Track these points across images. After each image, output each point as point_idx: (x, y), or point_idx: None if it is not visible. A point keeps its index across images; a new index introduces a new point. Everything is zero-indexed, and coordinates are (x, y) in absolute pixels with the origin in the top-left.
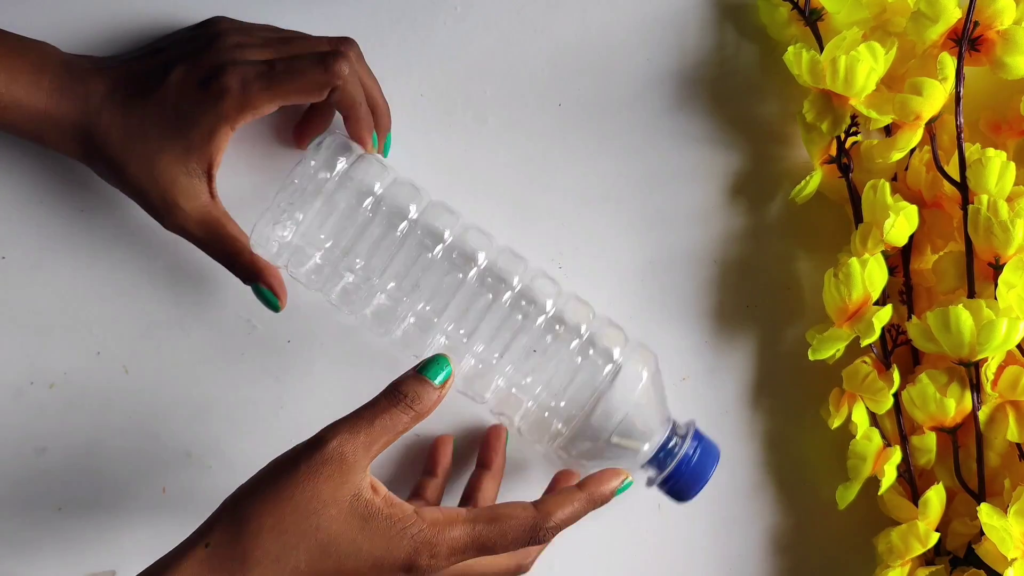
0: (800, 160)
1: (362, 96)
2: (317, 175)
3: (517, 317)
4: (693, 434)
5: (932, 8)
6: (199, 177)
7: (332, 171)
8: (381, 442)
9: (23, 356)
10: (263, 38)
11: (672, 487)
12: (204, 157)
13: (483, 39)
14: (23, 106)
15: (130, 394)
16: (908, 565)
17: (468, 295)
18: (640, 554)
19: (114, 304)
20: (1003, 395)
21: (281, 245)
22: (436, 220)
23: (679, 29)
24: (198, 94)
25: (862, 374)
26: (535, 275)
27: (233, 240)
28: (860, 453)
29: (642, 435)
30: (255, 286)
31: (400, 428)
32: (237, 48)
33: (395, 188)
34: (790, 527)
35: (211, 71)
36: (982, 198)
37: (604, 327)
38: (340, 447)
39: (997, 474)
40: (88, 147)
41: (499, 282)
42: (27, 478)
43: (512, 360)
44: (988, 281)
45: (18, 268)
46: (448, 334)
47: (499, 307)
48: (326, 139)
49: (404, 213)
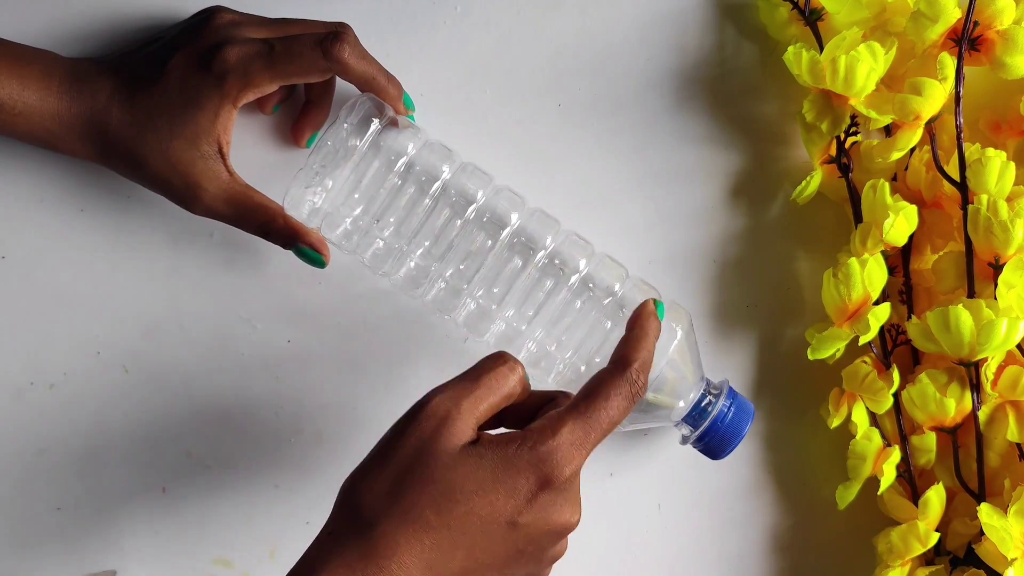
0: (800, 160)
1: (374, 68)
2: (349, 139)
3: (547, 281)
4: (727, 392)
5: (932, 8)
6: (214, 158)
7: (364, 133)
8: (488, 402)
9: (23, 356)
10: (258, 19)
11: (707, 444)
12: (213, 138)
13: (483, 39)
14: (36, 112)
15: (130, 394)
16: (908, 565)
17: (499, 258)
18: (640, 554)
19: (114, 304)
20: (1003, 395)
21: (313, 209)
22: (468, 182)
23: (679, 29)
24: (199, 76)
25: (862, 374)
26: (567, 236)
27: (264, 209)
28: (860, 453)
29: (677, 392)
30: (296, 248)
31: (507, 389)
32: (232, 26)
33: (427, 150)
34: (790, 527)
35: (209, 51)
36: (982, 198)
37: (637, 287)
38: (443, 403)
39: (997, 474)
40: (102, 146)
41: (531, 245)
42: (27, 478)
43: (543, 323)
44: (988, 281)
45: (18, 268)
46: (478, 298)
47: (530, 270)
48: (359, 100)
49: (436, 175)
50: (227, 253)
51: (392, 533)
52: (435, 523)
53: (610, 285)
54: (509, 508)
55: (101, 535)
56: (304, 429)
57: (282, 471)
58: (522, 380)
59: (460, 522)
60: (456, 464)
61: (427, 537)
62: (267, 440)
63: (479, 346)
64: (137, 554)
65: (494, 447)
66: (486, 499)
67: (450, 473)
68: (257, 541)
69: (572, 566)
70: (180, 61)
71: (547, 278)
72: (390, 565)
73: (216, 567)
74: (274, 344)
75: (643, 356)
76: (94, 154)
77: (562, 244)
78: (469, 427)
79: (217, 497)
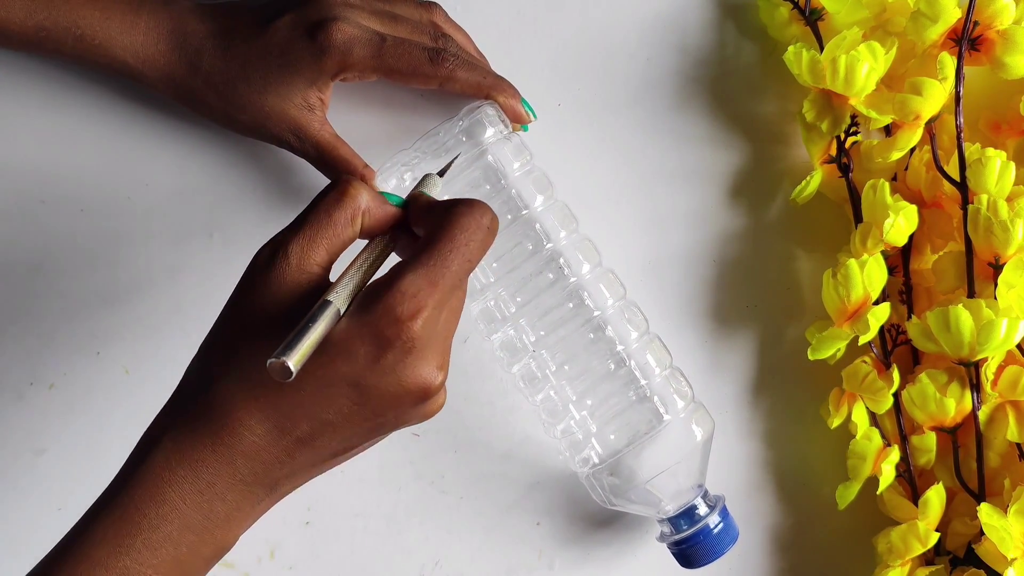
0: (800, 160)
1: (480, 73)
2: (458, 137)
3: (589, 336)
4: (721, 509)
5: (932, 8)
6: (307, 110)
7: (476, 137)
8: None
9: (23, 357)
10: (370, 3)
11: (682, 551)
12: (307, 97)
13: (483, 39)
14: (118, 44)
15: (130, 395)
16: (908, 565)
17: (551, 299)
18: (640, 554)
19: (114, 305)
20: (1003, 395)
21: (398, 186)
22: (553, 219)
23: (679, 29)
24: (302, 42)
25: (862, 374)
26: (627, 305)
27: (346, 163)
28: (860, 453)
29: (674, 492)
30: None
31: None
32: (346, 6)
33: (527, 176)
34: (790, 527)
35: (319, 23)
36: (982, 198)
37: (675, 377)
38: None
39: (997, 474)
40: (185, 88)
41: (585, 301)
42: (27, 479)
43: (569, 378)
44: (988, 281)
45: (18, 269)
46: (519, 327)
47: (578, 325)
48: (483, 106)
49: (527, 203)
50: (227, 253)
51: (229, 391)
52: (269, 382)
53: (650, 366)
54: (348, 371)
55: None
56: None
57: None
58: (360, 213)
59: (297, 382)
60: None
61: (264, 396)
62: None
63: (482, 343)
64: None
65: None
66: (320, 360)
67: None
68: (257, 541)
69: (572, 566)
70: (287, 22)
71: (589, 335)
72: (230, 423)
73: (216, 567)
74: None
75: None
76: (174, 93)
77: (618, 312)
78: (302, 271)
79: None
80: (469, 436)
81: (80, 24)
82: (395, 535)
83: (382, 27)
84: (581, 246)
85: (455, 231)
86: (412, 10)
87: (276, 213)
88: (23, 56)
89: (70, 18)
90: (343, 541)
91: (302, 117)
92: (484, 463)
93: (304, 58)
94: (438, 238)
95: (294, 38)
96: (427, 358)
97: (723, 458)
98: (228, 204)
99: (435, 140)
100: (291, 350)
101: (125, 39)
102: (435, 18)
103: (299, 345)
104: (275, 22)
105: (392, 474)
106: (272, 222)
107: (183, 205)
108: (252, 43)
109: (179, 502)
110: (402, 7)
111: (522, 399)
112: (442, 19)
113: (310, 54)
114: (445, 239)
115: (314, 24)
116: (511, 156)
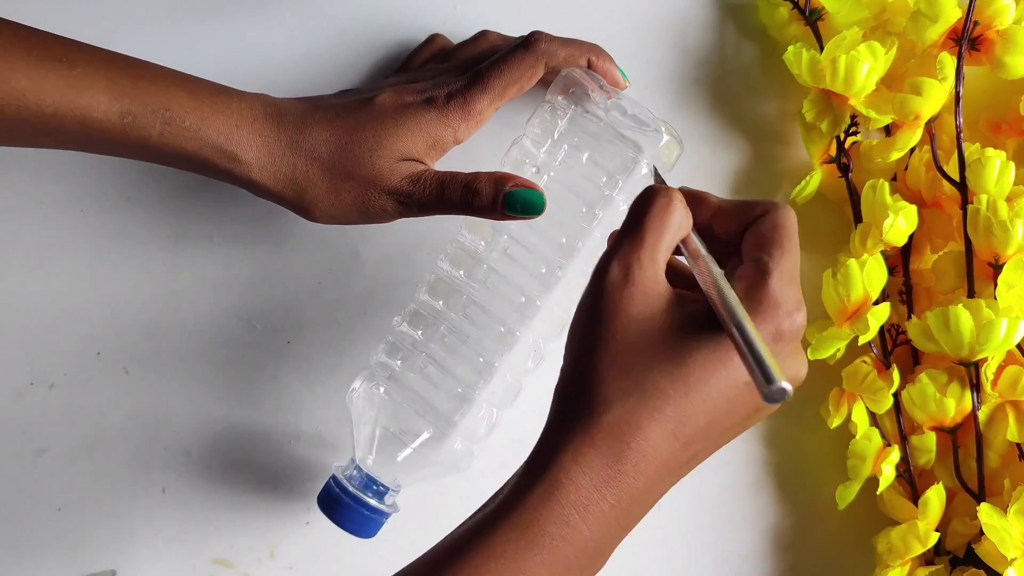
0: (800, 160)
1: (575, 42)
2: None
3: (500, 329)
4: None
5: (932, 8)
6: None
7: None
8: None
9: (23, 357)
10: (453, 63)
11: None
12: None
13: None
14: (210, 125)
15: (130, 394)
16: (908, 565)
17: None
18: (640, 554)
19: (114, 304)
20: (1003, 395)
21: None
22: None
23: (679, 29)
24: (415, 107)
25: (862, 374)
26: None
27: (464, 174)
28: (860, 453)
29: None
30: (508, 195)
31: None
32: (431, 70)
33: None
34: (790, 527)
35: (420, 90)
36: (982, 198)
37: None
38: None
39: (997, 474)
40: (285, 170)
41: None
42: (27, 479)
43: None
44: (988, 281)
45: (18, 268)
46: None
47: (505, 314)
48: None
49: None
50: (227, 253)
51: (633, 413)
52: (672, 392)
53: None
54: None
55: (101, 535)
56: (304, 429)
57: (282, 471)
58: (684, 207)
59: (695, 385)
60: (671, 327)
61: (664, 404)
62: (267, 440)
63: None
64: (137, 554)
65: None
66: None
67: (667, 337)
68: (257, 541)
69: None
70: (389, 94)
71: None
72: (636, 442)
73: (216, 567)
74: (274, 344)
75: None
76: (272, 178)
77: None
78: (658, 282)
79: (217, 497)
80: None
81: (170, 106)
82: (395, 535)
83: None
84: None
85: (788, 236)
86: (471, 47)
87: (276, 213)
88: None
89: (158, 100)
90: (343, 541)
91: (416, 167)
92: (484, 463)
93: (424, 117)
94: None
95: (406, 104)
96: (802, 349)
97: (723, 458)
98: (228, 204)
99: (542, 121)
100: (770, 372)
101: (218, 120)
102: (491, 38)
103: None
104: (379, 95)
105: None
106: (272, 222)
107: (183, 205)
108: (361, 111)
109: (582, 525)
110: (463, 51)
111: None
112: (496, 36)
113: (429, 118)
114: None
115: (417, 91)
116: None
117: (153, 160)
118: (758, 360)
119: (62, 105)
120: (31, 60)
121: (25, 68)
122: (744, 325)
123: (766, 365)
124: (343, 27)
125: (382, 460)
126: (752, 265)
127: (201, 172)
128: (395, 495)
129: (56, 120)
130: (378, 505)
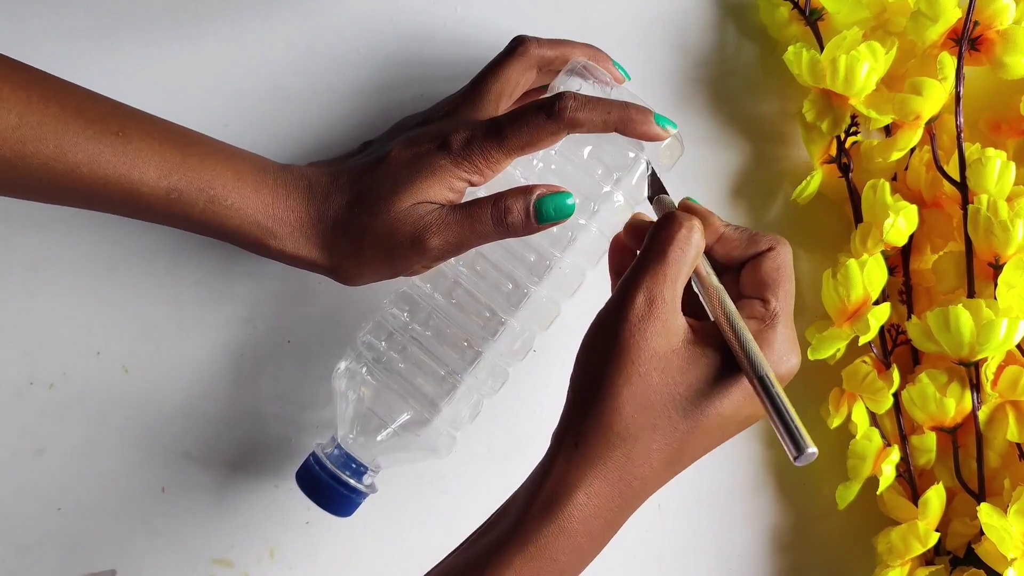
0: (800, 160)
1: (603, 108)
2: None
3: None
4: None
5: (932, 8)
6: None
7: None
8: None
9: (23, 356)
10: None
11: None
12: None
13: (483, 39)
14: (251, 204)
15: (130, 394)
16: (908, 565)
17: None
18: (640, 554)
19: (114, 304)
20: (1003, 395)
21: None
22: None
23: (679, 29)
24: (429, 155)
25: (862, 374)
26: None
27: (487, 198)
28: (860, 453)
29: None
30: (536, 203)
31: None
32: (448, 120)
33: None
34: (790, 527)
35: (435, 136)
36: (982, 198)
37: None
38: (642, 301)
39: (997, 474)
40: (313, 240)
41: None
42: (27, 478)
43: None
44: (988, 281)
45: (18, 268)
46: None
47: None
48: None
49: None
50: (227, 253)
51: (647, 446)
52: (684, 429)
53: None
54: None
55: (101, 535)
56: (304, 429)
57: (282, 471)
58: (703, 238)
59: (706, 422)
60: (689, 363)
61: (674, 440)
62: (267, 440)
63: None
64: (137, 554)
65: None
66: (729, 399)
67: (687, 376)
68: (257, 541)
69: None
70: (401, 147)
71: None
72: (643, 472)
73: (216, 567)
74: (274, 344)
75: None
76: (303, 248)
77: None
78: (677, 314)
79: (217, 497)
80: (469, 436)
81: (214, 185)
82: (395, 535)
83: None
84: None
85: (791, 276)
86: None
87: None
88: None
89: (204, 179)
90: (343, 541)
91: (430, 207)
92: (484, 463)
93: (438, 162)
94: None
95: (420, 153)
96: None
97: (724, 458)
98: None
99: None
100: (800, 440)
101: (257, 199)
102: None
103: (799, 428)
104: (393, 149)
105: (392, 474)
106: None
107: None
108: (376, 169)
109: (587, 544)
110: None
111: (521, 394)
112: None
113: (441, 164)
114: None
115: (431, 139)
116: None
117: (193, 231)
118: (787, 427)
119: (113, 179)
120: (90, 134)
121: (84, 142)
122: (771, 385)
123: (796, 433)
124: (343, 27)
125: (363, 440)
126: (761, 305)
127: (237, 244)
128: (374, 476)
129: (106, 191)
130: (356, 484)
